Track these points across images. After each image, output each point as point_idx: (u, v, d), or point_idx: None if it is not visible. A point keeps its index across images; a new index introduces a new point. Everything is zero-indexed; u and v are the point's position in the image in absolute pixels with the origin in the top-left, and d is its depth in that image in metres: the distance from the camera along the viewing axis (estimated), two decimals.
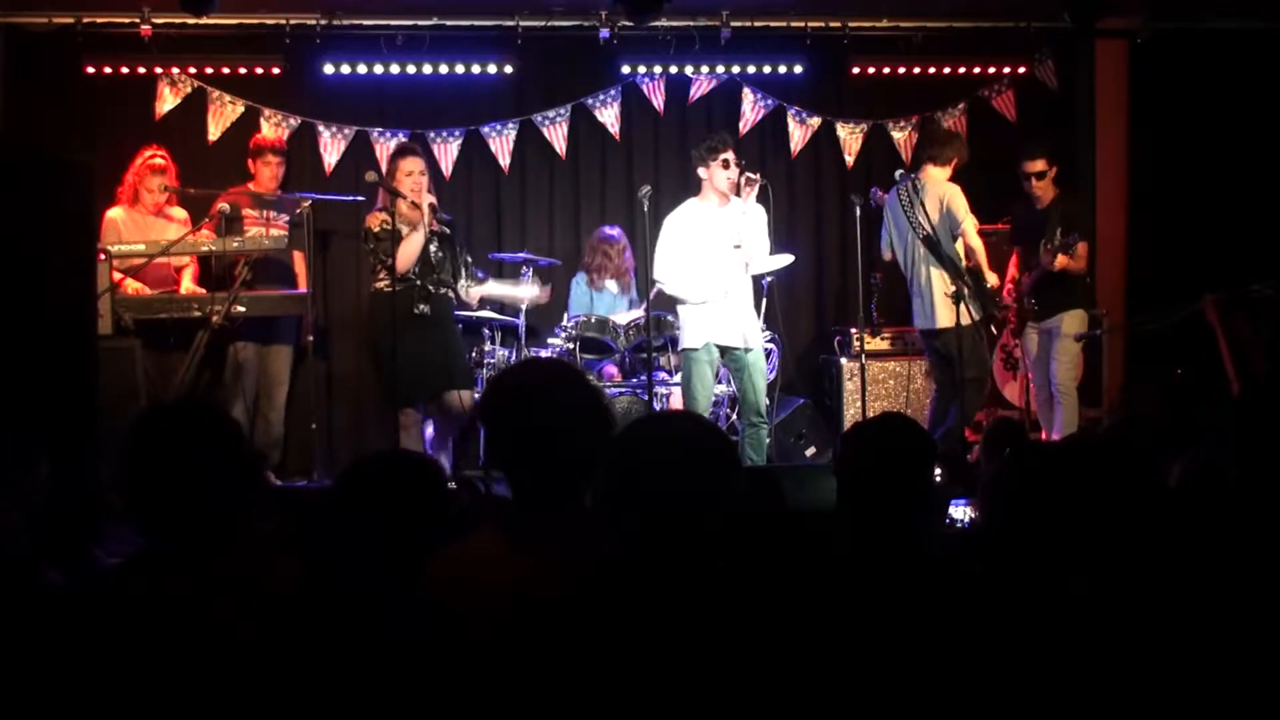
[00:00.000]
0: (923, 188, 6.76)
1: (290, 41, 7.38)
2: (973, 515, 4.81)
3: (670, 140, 8.12)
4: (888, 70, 8.02)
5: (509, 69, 7.67)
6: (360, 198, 6.94)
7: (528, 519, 2.32)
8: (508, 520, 2.37)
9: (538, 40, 7.61)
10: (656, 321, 6.73)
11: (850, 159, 8.12)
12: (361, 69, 7.53)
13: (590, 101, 7.86)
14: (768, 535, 2.73)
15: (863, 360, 6.97)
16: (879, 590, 2.34)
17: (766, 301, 6.87)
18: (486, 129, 7.76)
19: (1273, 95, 7.91)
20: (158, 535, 2.34)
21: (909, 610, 2.28)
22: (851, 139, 8.12)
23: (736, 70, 7.89)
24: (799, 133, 8.07)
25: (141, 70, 7.41)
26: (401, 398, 6.14)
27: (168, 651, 2.17)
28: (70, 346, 4.83)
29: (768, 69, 7.90)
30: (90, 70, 7.32)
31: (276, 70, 7.52)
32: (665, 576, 2.06)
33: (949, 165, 6.84)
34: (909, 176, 6.87)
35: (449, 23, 7.47)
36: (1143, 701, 2.09)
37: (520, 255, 7.34)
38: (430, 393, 6.31)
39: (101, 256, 5.87)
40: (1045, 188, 6.91)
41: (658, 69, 7.82)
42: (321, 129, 7.62)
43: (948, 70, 8.06)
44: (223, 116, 7.51)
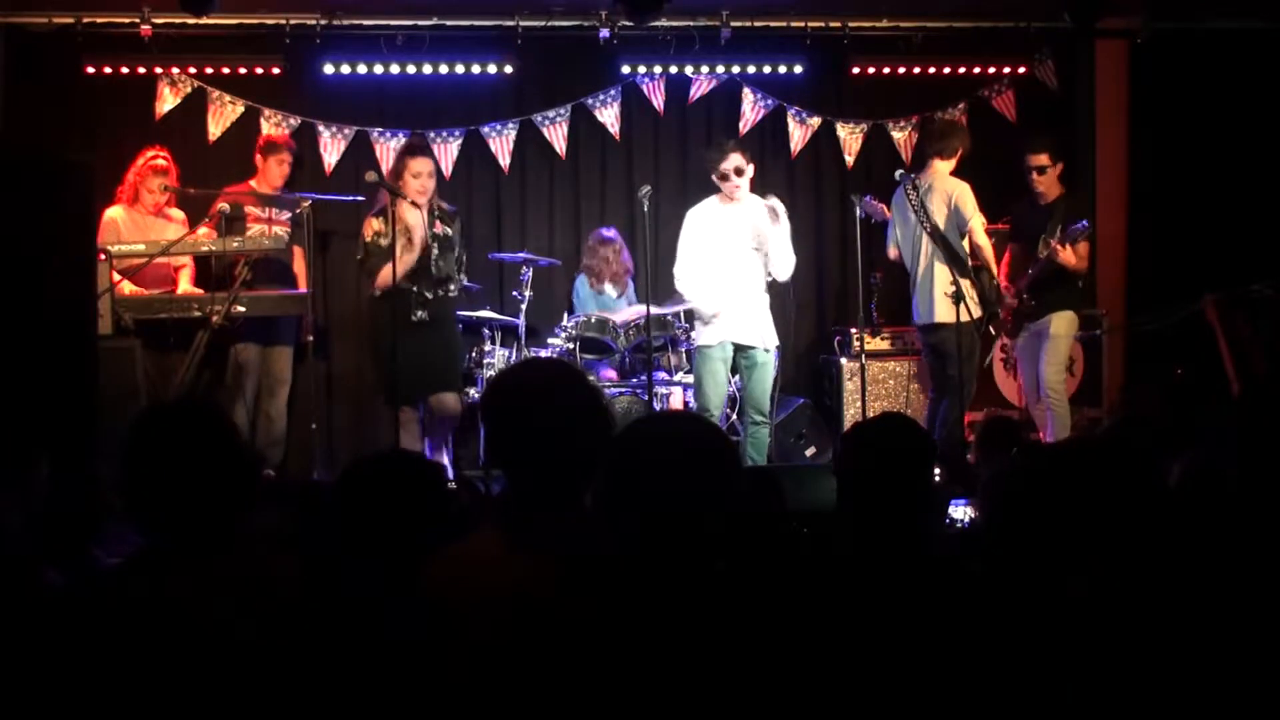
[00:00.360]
0: (930, 184, 6.76)
1: (290, 41, 7.37)
2: (973, 515, 4.81)
3: (670, 140, 8.13)
4: (888, 70, 8.02)
5: (509, 69, 7.67)
6: (360, 197, 6.94)
7: (528, 519, 2.32)
8: (508, 520, 2.37)
9: (538, 40, 7.60)
10: (657, 321, 6.73)
11: (850, 159, 8.12)
12: (361, 69, 7.53)
13: (590, 101, 7.86)
14: (768, 535, 2.73)
15: (863, 360, 6.97)
16: (879, 590, 2.34)
17: (767, 301, 6.85)
18: (486, 129, 7.76)
19: (1273, 95, 7.91)
20: (157, 535, 2.34)
21: (909, 610, 2.28)
22: (851, 139, 8.12)
23: (736, 70, 7.89)
24: (799, 133, 8.07)
25: (141, 70, 7.40)
26: (400, 396, 6.14)
27: (168, 651, 2.17)
28: (70, 346, 4.83)
29: (768, 69, 7.90)
30: (90, 70, 7.32)
31: (276, 70, 7.51)
32: (665, 576, 2.06)
33: (954, 157, 6.82)
34: (910, 176, 6.87)
35: (449, 23, 7.46)
36: (1143, 701, 2.09)
37: (520, 255, 7.34)
38: (427, 393, 6.32)
39: (101, 256, 5.87)
40: (1049, 183, 6.86)
41: (658, 69, 7.82)
42: (321, 129, 7.62)
43: (948, 70, 8.06)
44: (223, 116, 7.50)
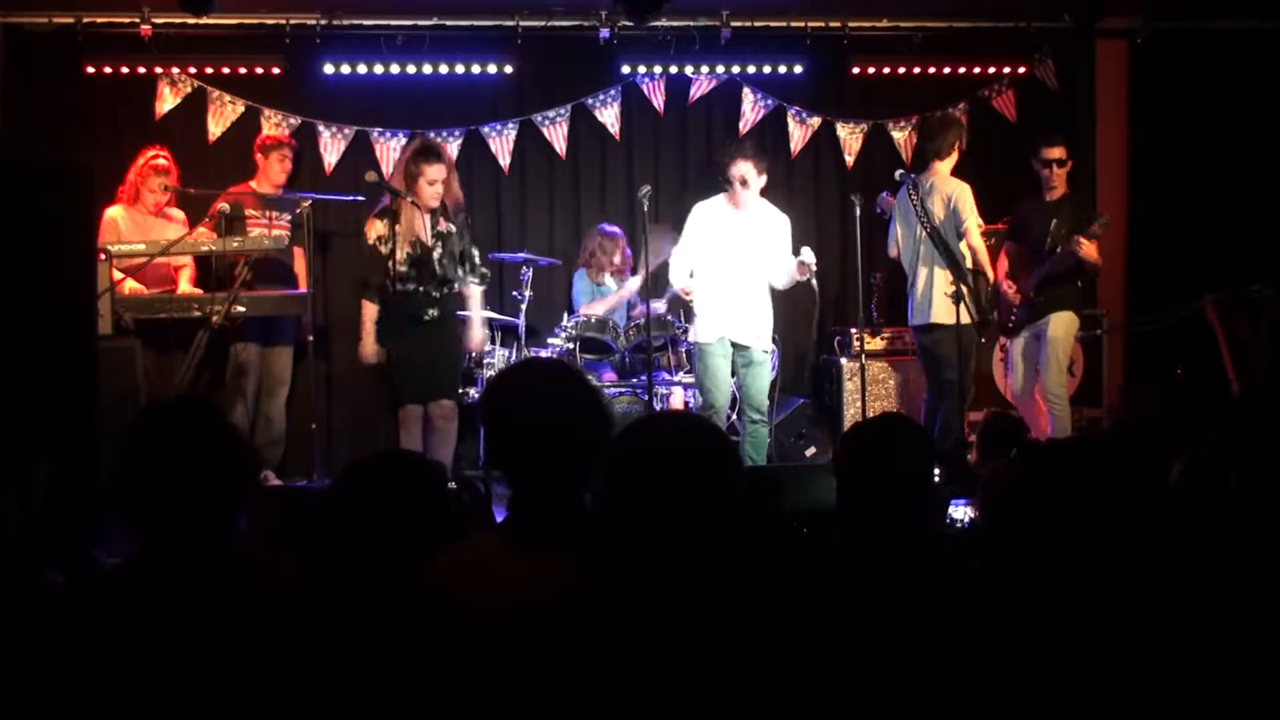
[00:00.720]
0: (931, 184, 6.75)
1: (290, 41, 7.38)
2: (973, 515, 4.81)
3: (670, 140, 8.13)
4: (888, 70, 8.01)
5: (509, 69, 7.67)
6: (360, 197, 6.94)
7: (528, 519, 2.32)
8: (508, 520, 2.37)
9: (538, 40, 7.61)
10: (657, 320, 6.73)
11: (850, 159, 8.12)
12: (361, 69, 7.53)
13: (590, 101, 7.86)
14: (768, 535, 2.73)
15: (863, 360, 6.97)
16: (879, 590, 2.34)
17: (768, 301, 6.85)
18: (486, 129, 7.77)
19: (1273, 95, 7.91)
20: (153, 536, 2.34)
21: (909, 610, 2.28)
22: (851, 139, 8.12)
23: (736, 70, 7.89)
24: (799, 133, 8.07)
25: (141, 70, 7.40)
26: (404, 396, 6.13)
27: (167, 651, 2.17)
28: (70, 346, 4.83)
29: (768, 69, 7.90)
30: (90, 70, 7.32)
31: (276, 70, 7.51)
32: (665, 577, 2.06)
33: (952, 154, 6.80)
34: (910, 176, 6.86)
35: (449, 23, 7.47)
36: (1143, 701, 2.09)
37: (520, 255, 7.34)
38: (427, 396, 6.30)
39: (101, 256, 5.87)
40: (1062, 178, 6.86)
41: (658, 69, 7.82)
42: (321, 129, 7.63)
43: (948, 70, 8.06)
44: (223, 116, 7.51)
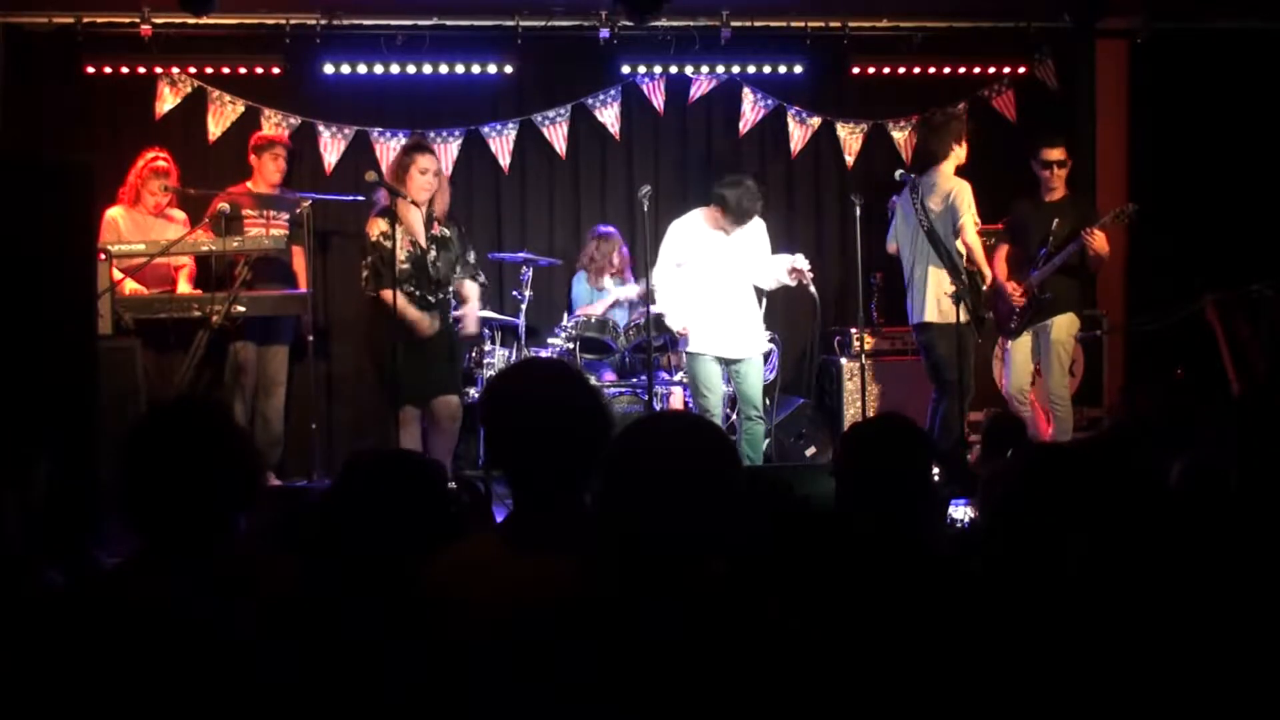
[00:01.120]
0: (932, 182, 6.75)
1: (290, 41, 7.38)
2: (973, 515, 4.81)
3: (670, 140, 8.13)
4: (888, 70, 8.01)
5: (509, 69, 7.67)
6: (360, 197, 6.94)
7: (528, 519, 2.32)
8: (508, 520, 2.38)
9: (538, 40, 7.61)
10: (657, 321, 6.73)
11: (850, 159, 8.12)
12: (361, 69, 7.53)
13: (590, 101, 7.86)
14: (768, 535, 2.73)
15: (863, 360, 6.97)
16: (879, 590, 2.34)
17: (766, 301, 6.86)
18: (486, 129, 7.77)
19: (1273, 95, 7.91)
20: (156, 535, 2.34)
21: (908, 610, 2.28)
22: (851, 139, 8.12)
23: (736, 70, 7.89)
24: (799, 133, 8.07)
25: (141, 70, 7.40)
26: (403, 397, 6.12)
27: (167, 651, 2.17)
28: (70, 346, 4.83)
29: (768, 69, 7.90)
30: (90, 70, 7.32)
31: (276, 70, 7.51)
32: (665, 577, 2.06)
33: (954, 150, 6.78)
34: (910, 175, 6.86)
35: (449, 23, 7.47)
36: (1142, 701, 2.09)
37: (520, 255, 7.34)
38: (430, 396, 6.30)
39: (101, 256, 5.87)
40: (1062, 179, 6.86)
41: (658, 69, 7.82)
42: (321, 129, 7.63)
43: (948, 70, 8.06)
44: (223, 116, 7.51)
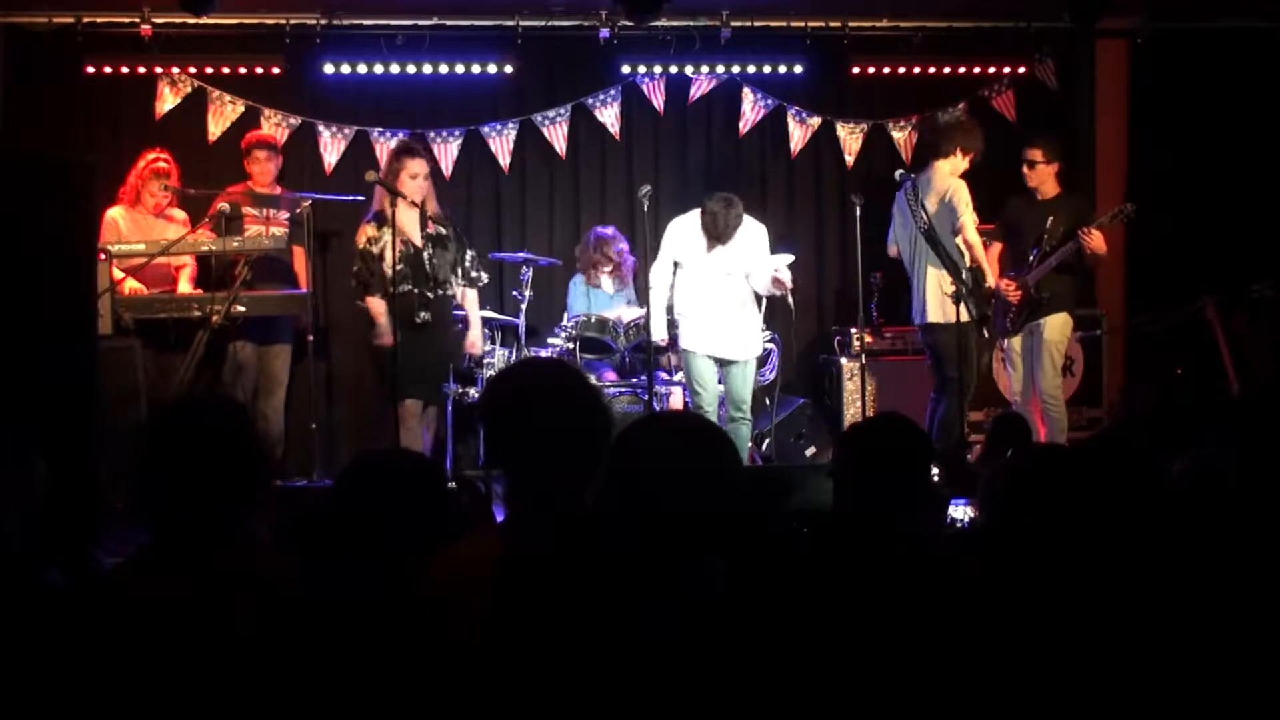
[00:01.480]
0: (928, 182, 6.75)
1: (290, 41, 7.37)
2: (973, 515, 4.81)
3: (670, 140, 8.13)
4: (888, 70, 8.01)
5: (509, 69, 7.67)
6: (360, 197, 6.93)
7: (528, 519, 2.32)
8: (508, 520, 2.37)
9: (538, 40, 7.60)
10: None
11: (850, 159, 8.12)
12: (361, 69, 7.52)
13: (590, 101, 7.86)
14: (768, 535, 2.73)
15: (863, 360, 6.97)
16: (878, 590, 2.34)
17: (767, 301, 6.86)
18: (486, 129, 7.76)
19: (1273, 95, 7.91)
20: (165, 531, 2.34)
21: (908, 610, 2.28)
22: (851, 139, 8.12)
23: (736, 70, 7.89)
24: (799, 133, 8.07)
25: (141, 70, 7.40)
26: (401, 392, 6.11)
27: (167, 651, 2.17)
28: (70, 346, 4.83)
29: (768, 69, 7.89)
30: (90, 70, 7.32)
31: (276, 70, 7.51)
32: (665, 576, 2.06)
33: (952, 156, 6.76)
34: (909, 175, 6.86)
35: (449, 23, 7.46)
36: (1142, 701, 2.09)
37: (520, 255, 7.33)
38: (424, 395, 6.29)
39: (102, 256, 5.87)
40: (1038, 179, 6.84)
41: (658, 69, 7.81)
42: (321, 129, 7.62)
43: (948, 70, 8.06)
44: (223, 116, 7.50)
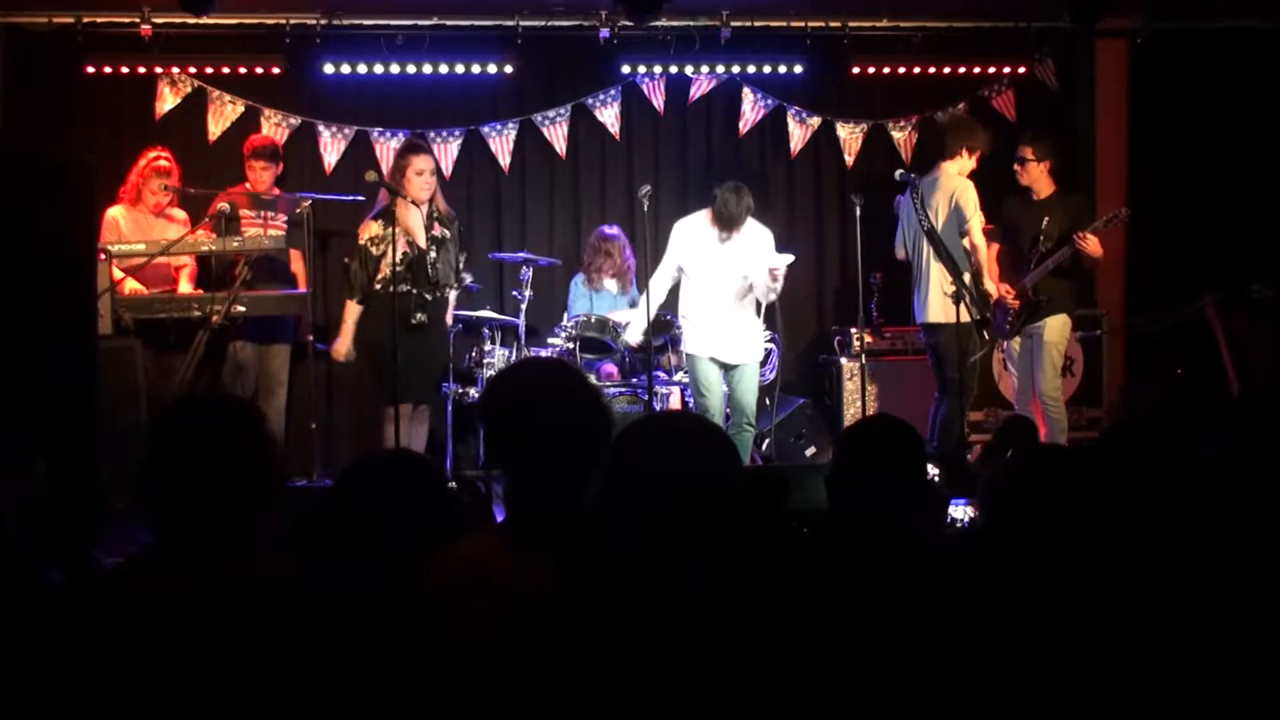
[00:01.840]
0: (935, 183, 6.75)
1: (290, 41, 7.37)
2: (973, 515, 4.81)
3: (670, 140, 8.13)
4: (888, 70, 8.02)
5: (509, 69, 7.67)
6: (360, 197, 6.94)
7: (528, 519, 2.32)
8: (508, 520, 2.38)
9: (538, 40, 7.61)
10: (657, 321, 6.73)
11: (850, 159, 8.12)
12: (361, 69, 7.52)
13: (590, 101, 7.86)
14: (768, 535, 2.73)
15: (863, 360, 6.97)
16: (878, 590, 2.34)
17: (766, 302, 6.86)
18: (486, 129, 7.76)
19: (1273, 95, 7.91)
20: (168, 531, 2.33)
21: (908, 610, 2.28)
22: (851, 139, 8.12)
23: (736, 70, 7.89)
24: (799, 133, 8.07)
25: (141, 70, 7.40)
26: (395, 393, 6.10)
27: (168, 651, 2.17)
28: (70, 346, 4.83)
29: (768, 69, 7.90)
30: (90, 70, 7.32)
31: (276, 70, 7.52)
32: (665, 576, 2.06)
33: (959, 156, 6.76)
34: (910, 175, 6.85)
35: (449, 23, 7.46)
36: (1142, 701, 2.09)
37: (520, 255, 7.33)
38: (414, 398, 6.28)
39: (102, 256, 5.87)
40: (1030, 178, 6.82)
41: (658, 69, 7.81)
42: (321, 129, 7.62)
43: (948, 70, 8.06)
44: (223, 116, 7.51)
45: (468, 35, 7.57)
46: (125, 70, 7.39)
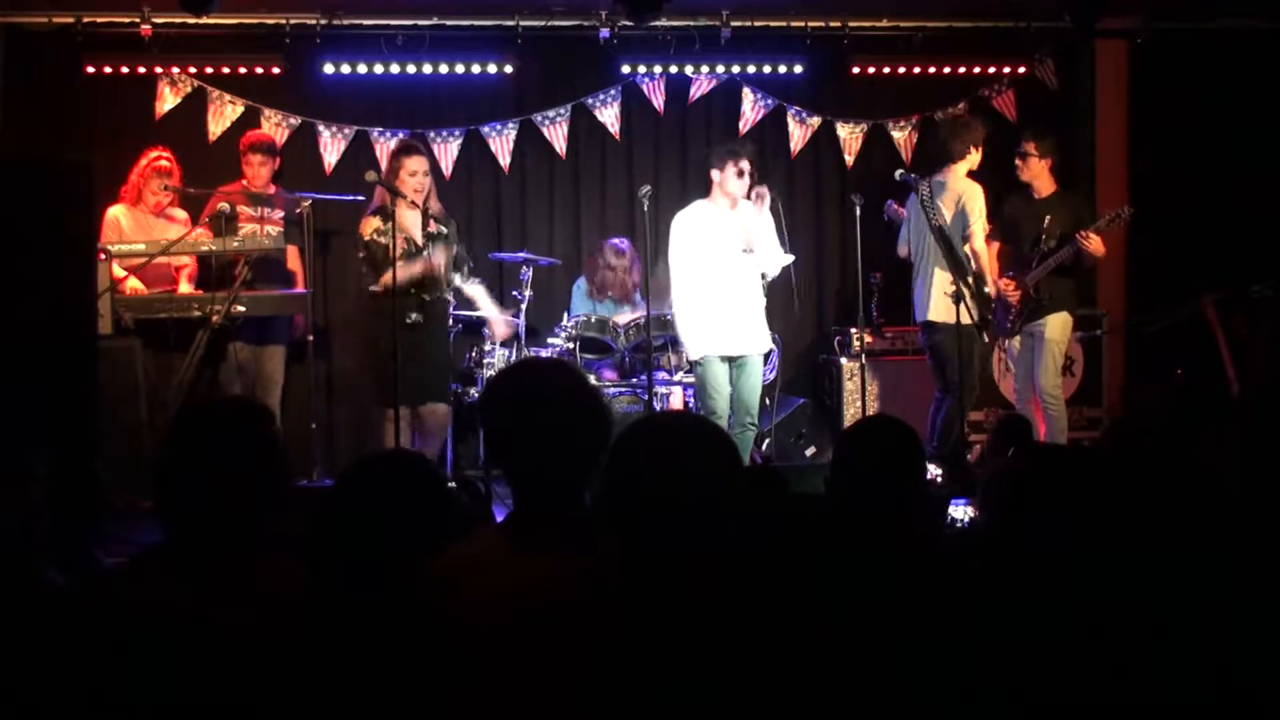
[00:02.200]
0: (943, 182, 6.74)
1: (290, 41, 7.37)
2: (973, 515, 4.81)
3: (670, 140, 8.13)
4: (888, 70, 8.01)
5: (509, 69, 7.67)
6: (360, 197, 6.94)
7: (528, 519, 2.32)
8: (508, 520, 2.38)
9: (538, 40, 7.61)
10: (657, 321, 6.72)
11: (850, 159, 8.12)
12: (361, 69, 7.53)
13: (590, 101, 7.87)
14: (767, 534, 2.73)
15: (863, 360, 6.97)
16: (877, 590, 2.34)
17: (765, 301, 6.85)
18: (486, 129, 7.77)
19: (1273, 95, 7.91)
20: (179, 531, 2.33)
21: (908, 609, 2.28)
22: (851, 139, 8.12)
23: (736, 70, 7.89)
24: (799, 132, 8.07)
25: (141, 70, 7.40)
26: (389, 397, 6.09)
27: (168, 652, 2.17)
28: (70, 346, 4.84)
29: (768, 69, 7.90)
30: (90, 70, 7.32)
31: (276, 70, 7.52)
32: (665, 576, 2.06)
33: (968, 154, 6.74)
34: (912, 175, 6.85)
35: (449, 22, 7.46)
36: (1142, 701, 2.09)
37: (520, 255, 7.32)
38: (411, 401, 6.28)
39: (101, 256, 5.87)
40: (1034, 174, 6.83)
41: (658, 69, 7.82)
42: (321, 129, 7.63)
43: (948, 70, 8.06)
44: (223, 116, 7.51)
45: (468, 35, 7.57)
46: (125, 70, 7.39)
